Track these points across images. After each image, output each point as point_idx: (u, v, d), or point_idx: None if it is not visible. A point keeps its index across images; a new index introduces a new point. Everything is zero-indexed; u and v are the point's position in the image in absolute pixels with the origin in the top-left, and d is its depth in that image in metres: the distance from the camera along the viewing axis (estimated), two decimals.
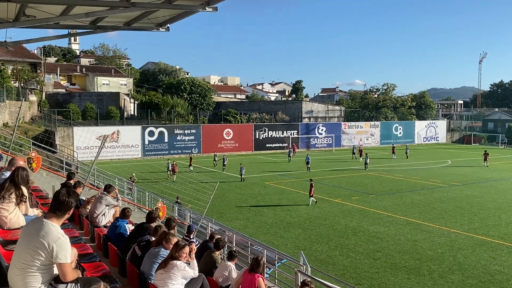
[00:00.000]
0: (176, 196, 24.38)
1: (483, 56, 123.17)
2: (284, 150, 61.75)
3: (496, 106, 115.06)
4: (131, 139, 52.09)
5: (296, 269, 10.29)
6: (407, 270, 16.45)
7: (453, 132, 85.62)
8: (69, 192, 4.65)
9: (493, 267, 16.74)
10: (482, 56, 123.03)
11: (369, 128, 72.57)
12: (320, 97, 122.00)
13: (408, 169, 43.62)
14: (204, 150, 56.99)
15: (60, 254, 4.35)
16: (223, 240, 9.36)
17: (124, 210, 9.52)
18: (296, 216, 24.59)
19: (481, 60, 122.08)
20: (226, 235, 14.05)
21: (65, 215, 4.61)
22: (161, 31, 11.86)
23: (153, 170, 38.79)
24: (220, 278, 8.33)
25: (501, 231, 21.70)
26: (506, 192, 31.95)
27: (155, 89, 72.37)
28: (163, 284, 6.54)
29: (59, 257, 4.35)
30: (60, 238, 4.40)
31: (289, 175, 39.23)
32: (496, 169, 44.48)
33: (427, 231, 21.60)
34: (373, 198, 29.60)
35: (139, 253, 7.40)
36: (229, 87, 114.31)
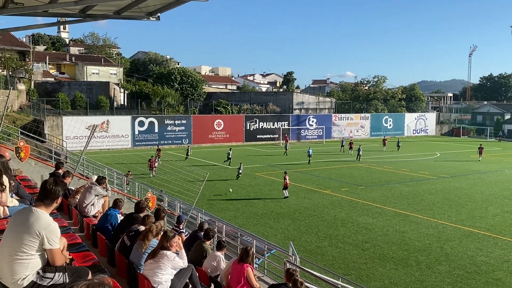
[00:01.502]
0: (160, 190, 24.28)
1: (473, 49, 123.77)
2: (275, 142, 61.90)
3: (485, 99, 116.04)
4: (121, 129, 51.80)
5: (285, 260, 10.36)
6: (395, 260, 16.62)
7: (442, 125, 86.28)
8: (56, 181, 4.67)
9: (480, 258, 16.98)
10: (472, 49, 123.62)
11: (360, 120, 72.84)
12: (311, 88, 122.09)
13: (397, 161, 43.92)
14: (195, 140, 56.85)
15: (51, 240, 4.47)
16: (212, 230, 9.38)
17: (116, 200, 9.53)
18: (286, 207, 24.69)
19: (471, 53, 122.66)
20: (216, 225, 14.07)
21: (53, 203, 4.64)
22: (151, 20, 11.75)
23: (143, 161, 38.60)
24: (209, 269, 8.37)
25: (488, 222, 21.98)
26: (494, 184, 32.33)
27: (145, 79, 71.89)
28: (153, 273, 6.55)
29: (50, 243, 4.47)
30: (51, 224, 4.49)
31: (279, 167, 39.30)
32: (484, 161, 44.94)
33: (415, 223, 21.82)
34: (363, 189, 29.79)
35: (128, 243, 7.40)
36: (220, 78, 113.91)
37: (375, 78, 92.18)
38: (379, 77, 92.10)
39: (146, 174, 32.98)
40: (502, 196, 28.30)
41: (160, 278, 6.56)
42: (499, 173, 37.85)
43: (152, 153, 41.34)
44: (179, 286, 6.79)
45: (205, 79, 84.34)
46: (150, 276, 6.54)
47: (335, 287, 10.07)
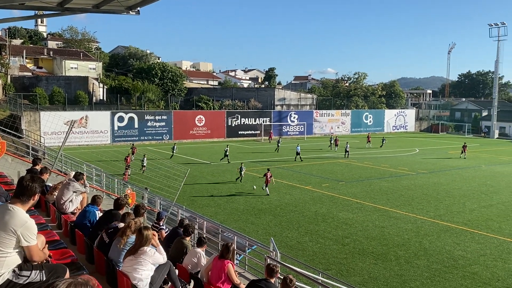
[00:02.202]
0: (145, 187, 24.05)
1: (452, 47, 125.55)
2: (257, 138, 61.92)
3: (463, 96, 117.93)
4: (100, 125, 51.14)
5: (266, 255, 10.38)
6: (374, 255, 16.81)
7: (421, 121, 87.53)
8: (33, 178, 4.58)
9: (457, 252, 17.28)
10: (451, 47, 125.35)
11: (340, 117, 73.37)
12: (293, 84, 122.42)
13: (377, 157, 44.39)
14: (176, 136, 56.49)
15: (27, 237, 4.41)
16: (192, 226, 9.32)
17: (95, 197, 9.40)
18: (268, 203, 24.74)
19: (449, 50, 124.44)
20: (196, 222, 14.02)
21: (29, 200, 4.56)
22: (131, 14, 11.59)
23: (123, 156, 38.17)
24: (190, 265, 8.32)
25: (465, 217, 22.39)
26: (471, 180, 32.94)
27: (125, 74, 71.01)
28: (132, 270, 6.49)
29: (27, 240, 4.41)
30: (27, 222, 4.43)
31: (261, 163, 39.34)
32: (461, 157, 45.70)
33: (394, 218, 22.09)
34: (343, 185, 30.04)
35: (107, 240, 7.31)
36: (202, 73, 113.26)
37: (356, 74, 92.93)
38: (359, 73, 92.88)
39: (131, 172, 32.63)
40: (479, 191, 28.85)
41: (140, 274, 6.49)
42: (477, 168, 38.57)
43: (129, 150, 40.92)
44: (158, 282, 6.74)
45: (186, 74, 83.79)
46: (129, 272, 6.47)
47: (316, 282, 10.13)
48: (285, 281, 6.97)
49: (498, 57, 78.56)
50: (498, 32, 76.97)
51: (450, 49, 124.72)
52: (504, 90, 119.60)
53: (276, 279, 7.75)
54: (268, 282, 7.07)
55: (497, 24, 77.34)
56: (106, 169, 27.84)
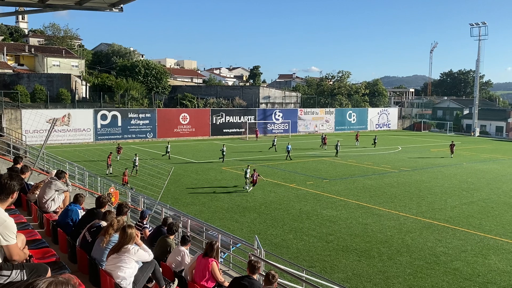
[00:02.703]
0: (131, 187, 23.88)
1: (434, 46, 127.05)
2: (242, 136, 61.93)
3: (445, 94, 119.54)
4: (82, 123, 50.58)
5: (250, 253, 10.40)
6: (358, 252, 16.96)
7: (404, 119, 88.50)
8: (11, 175, 4.53)
9: (439, 249, 17.54)
10: (433, 46, 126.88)
11: (324, 115, 73.76)
12: (277, 83, 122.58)
13: (360, 155, 44.75)
14: (159, 135, 56.17)
15: (6, 236, 4.36)
16: (176, 225, 9.30)
17: (77, 195, 9.31)
18: (252, 201, 24.77)
19: (432, 49, 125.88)
20: (181, 220, 13.97)
21: (8, 198, 4.51)
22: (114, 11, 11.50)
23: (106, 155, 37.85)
24: (174, 264, 8.30)
25: (447, 214, 22.73)
26: (452, 177, 33.42)
27: (108, 71, 70.33)
28: (116, 268, 6.45)
29: (6, 239, 4.37)
30: (6, 221, 4.37)
31: (246, 161, 39.34)
32: (444, 155, 46.36)
33: (377, 215, 22.32)
34: (327, 183, 30.22)
35: (90, 239, 7.25)
36: (186, 71, 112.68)
37: (340, 73, 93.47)
38: (343, 72, 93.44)
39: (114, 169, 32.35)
40: (461, 188, 29.30)
41: (123, 272, 6.46)
42: (458, 166, 39.15)
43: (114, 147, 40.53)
44: (142, 280, 6.71)
45: (170, 72, 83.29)
46: (113, 271, 6.43)
47: (299, 279, 10.19)
48: (267, 277, 7.00)
49: (479, 56, 79.82)
50: (479, 32, 78.22)
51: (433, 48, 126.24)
52: (485, 89, 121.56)
53: (258, 275, 7.79)
54: (250, 279, 7.10)
55: (478, 24, 78.52)
56: (89, 167, 27.59)
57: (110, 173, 31.06)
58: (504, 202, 25.72)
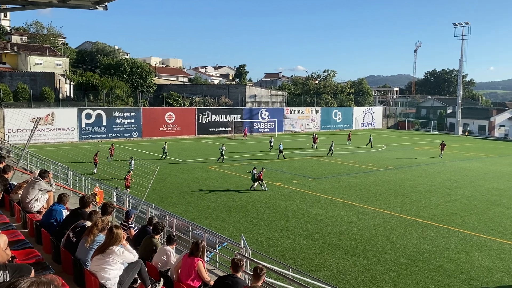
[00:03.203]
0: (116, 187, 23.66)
1: (418, 45, 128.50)
2: (228, 135, 61.85)
3: (429, 93, 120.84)
4: (66, 122, 50.04)
5: (236, 252, 10.40)
6: (343, 250, 17.08)
7: (388, 118, 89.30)
8: None
9: (423, 246, 17.74)
10: (417, 45, 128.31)
11: (310, 114, 74.06)
12: (263, 82, 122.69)
13: (346, 154, 45.02)
14: (145, 134, 55.84)
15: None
16: (161, 224, 9.25)
17: (61, 195, 9.22)
18: (239, 200, 24.76)
19: (416, 49, 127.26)
20: (166, 220, 13.91)
21: None
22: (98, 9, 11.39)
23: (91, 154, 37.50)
24: (159, 263, 8.27)
25: (431, 212, 22.99)
26: (436, 175, 33.82)
27: (92, 70, 69.62)
28: (100, 269, 6.41)
29: None
30: None
31: (232, 160, 39.31)
32: (428, 153, 46.88)
33: (362, 213, 22.49)
34: (313, 181, 30.35)
35: (74, 239, 7.19)
36: (171, 70, 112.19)
37: (325, 72, 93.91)
38: (329, 71, 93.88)
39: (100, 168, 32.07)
40: (444, 186, 29.67)
41: (108, 274, 6.42)
42: (441, 164, 39.64)
43: (99, 146, 40.19)
44: (127, 281, 6.68)
45: (155, 70, 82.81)
46: (97, 271, 6.39)
47: (286, 277, 10.23)
48: (255, 270, 7.02)
49: (462, 56, 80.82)
50: (462, 32, 79.19)
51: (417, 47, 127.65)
52: (468, 88, 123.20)
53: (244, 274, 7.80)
54: (234, 278, 7.10)
55: (461, 24, 79.50)
56: (73, 167, 27.31)
57: (94, 172, 30.75)
58: (486, 199, 26.11)
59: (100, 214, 7.94)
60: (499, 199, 26.33)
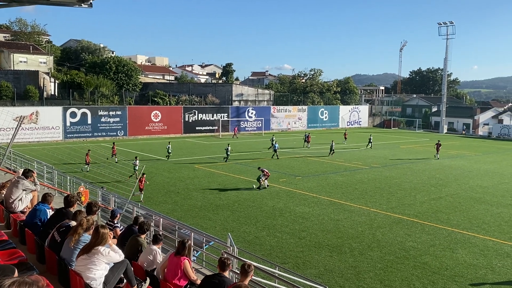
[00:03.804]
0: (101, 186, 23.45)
1: (404, 45, 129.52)
2: (215, 134, 61.74)
3: (414, 92, 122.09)
4: (51, 121, 49.48)
5: (223, 251, 10.39)
6: (330, 248, 17.16)
7: (374, 117, 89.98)
8: None
9: (408, 244, 17.91)
10: (403, 44, 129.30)
11: (297, 112, 74.27)
12: (250, 80, 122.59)
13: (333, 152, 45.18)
14: (131, 132, 55.47)
15: None
16: (147, 224, 9.19)
17: (45, 195, 9.11)
18: (225, 198, 24.73)
19: (401, 48, 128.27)
20: (153, 219, 13.84)
21: None
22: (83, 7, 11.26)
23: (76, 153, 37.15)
24: (145, 263, 8.22)
25: (416, 209, 23.22)
26: (421, 173, 34.17)
27: (77, 68, 68.90)
28: (86, 269, 6.36)
29: None
30: None
31: (219, 159, 39.24)
32: (413, 152, 47.33)
33: (349, 211, 22.62)
34: (300, 180, 30.44)
35: (59, 239, 7.11)
36: (157, 68, 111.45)
37: (312, 71, 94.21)
38: (315, 70, 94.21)
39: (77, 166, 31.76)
40: (429, 184, 29.99)
41: (93, 274, 6.37)
42: (426, 162, 40.06)
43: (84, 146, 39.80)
44: (113, 281, 6.63)
45: (141, 68, 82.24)
46: (82, 272, 6.34)
47: (272, 276, 10.24)
48: (243, 267, 7.02)
49: (446, 55, 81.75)
50: (447, 31, 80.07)
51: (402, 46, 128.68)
52: (453, 87, 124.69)
53: (229, 272, 7.79)
54: (221, 277, 7.09)
55: (446, 23, 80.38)
56: (58, 166, 27.04)
57: (87, 171, 30.58)
58: (471, 197, 26.46)
59: (85, 214, 7.87)
60: (483, 196, 26.69)
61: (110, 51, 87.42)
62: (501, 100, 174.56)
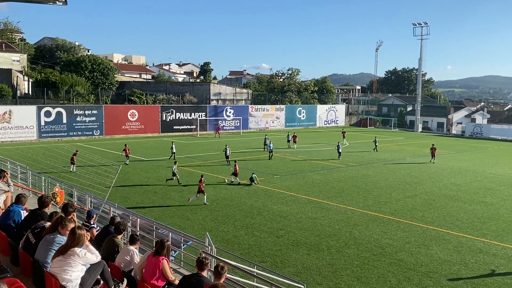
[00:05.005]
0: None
1: (379, 45, 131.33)
2: (193, 133, 61.46)
3: (390, 91, 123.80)
4: (25, 120, 48.50)
5: (201, 250, 10.38)
6: (307, 246, 17.30)
7: (351, 116, 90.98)
8: None
9: (384, 241, 18.19)
10: (379, 45, 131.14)
11: (275, 111, 74.51)
12: (228, 79, 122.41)
13: (309, 151, 45.57)
14: (107, 132, 54.78)
15: None
16: (123, 224, 9.11)
17: (20, 195, 8.95)
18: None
19: (377, 48, 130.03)
20: (129, 219, 13.71)
21: None
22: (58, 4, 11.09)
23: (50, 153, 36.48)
24: (122, 263, 8.15)
25: (392, 207, 23.59)
26: (397, 171, 34.70)
27: (52, 67, 67.65)
28: (61, 271, 6.27)
29: None
30: None
31: (197, 158, 39.09)
32: (388, 150, 48.01)
33: (326, 209, 22.83)
34: (278, 178, 30.57)
35: (33, 240, 7.00)
36: (134, 66, 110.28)
37: (289, 70, 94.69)
38: (293, 69, 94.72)
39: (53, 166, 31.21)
40: (404, 182, 30.49)
41: (69, 275, 6.30)
42: (402, 160, 40.70)
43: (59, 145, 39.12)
44: (89, 282, 6.56)
45: (117, 67, 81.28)
46: (58, 273, 6.26)
47: (250, 275, 10.28)
48: (216, 269, 7.01)
49: (421, 55, 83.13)
50: (422, 31, 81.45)
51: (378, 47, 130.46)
52: (427, 86, 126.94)
53: (208, 272, 7.79)
54: (199, 276, 7.08)
55: (420, 24, 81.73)
56: (33, 166, 26.53)
57: (74, 171, 30.16)
58: (445, 194, 27.00)
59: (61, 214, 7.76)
60: (457, 194, 27.28)
61: (85, 49, 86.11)
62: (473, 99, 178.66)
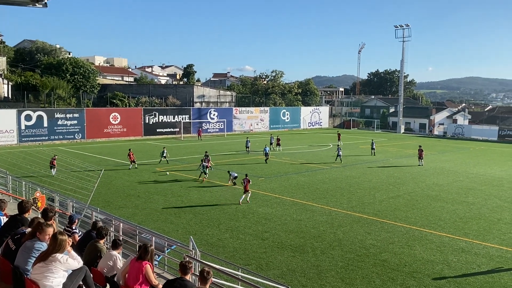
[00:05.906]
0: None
1: (362, 47, 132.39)
2: (176, 135, 61.13)
3: (372, 93, 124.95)
4: (5, 124, 47.69)
5: (185, 254, 10.29)
6: (292, 248, 17.30)
7: (334, 118, 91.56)
8: None
9: (368, 241, 18.29)
10: (361, 47, 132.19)
11: (259, 114, 74.61)
12: (212, 82, 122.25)
13: (294, 153, 45.69)
14: (89, 135, 54.18)
15: None
16: (105, 228, 8.99)
17: None
18: (188, 201, 24.51)
19: (360, 50, 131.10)
20: (112, 224, 13.54)
21: None
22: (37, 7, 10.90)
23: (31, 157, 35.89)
24: (105, 268, 8.04)
25: (375, 208, 23.75)
26: (380, 172, 34.99)
27: (32, 70, 66.65)
28: (42, 277, 6.16)
29: None
30: None
31: (181, 161, 38.88)
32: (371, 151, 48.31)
33: (311, 211, 22.88)
34: (262, 181, 30.56)
35: (13, 247, 6.86)
36: (116, 69, 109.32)
37: (273, 72, 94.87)
38: (276, 71, 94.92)
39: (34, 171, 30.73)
40: (388, 183, 30.75)
41: (51, 282, 6.18)
42: (385, 162, 41.06)
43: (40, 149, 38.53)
44: None
45: (99, 70, 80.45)
46: (39, 280, 6.14)
47: (235, 278, 10.23)
48: (202, 274, 6.95)
49: (403, 57, 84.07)
50: (403, 33, 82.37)
51: (360, 49, 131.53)
52: (409, 88, 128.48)
53: (192, 276, 7.73)
54: (183, 281, 7.02)
55: (402, 26, 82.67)
56: (12, 171, 26.05)
57: (52, 175, 29.74)
58: (427, 195, 27.30)
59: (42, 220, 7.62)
60: (439, 194, 27.60)
61: (66, 52, 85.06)
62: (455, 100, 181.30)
